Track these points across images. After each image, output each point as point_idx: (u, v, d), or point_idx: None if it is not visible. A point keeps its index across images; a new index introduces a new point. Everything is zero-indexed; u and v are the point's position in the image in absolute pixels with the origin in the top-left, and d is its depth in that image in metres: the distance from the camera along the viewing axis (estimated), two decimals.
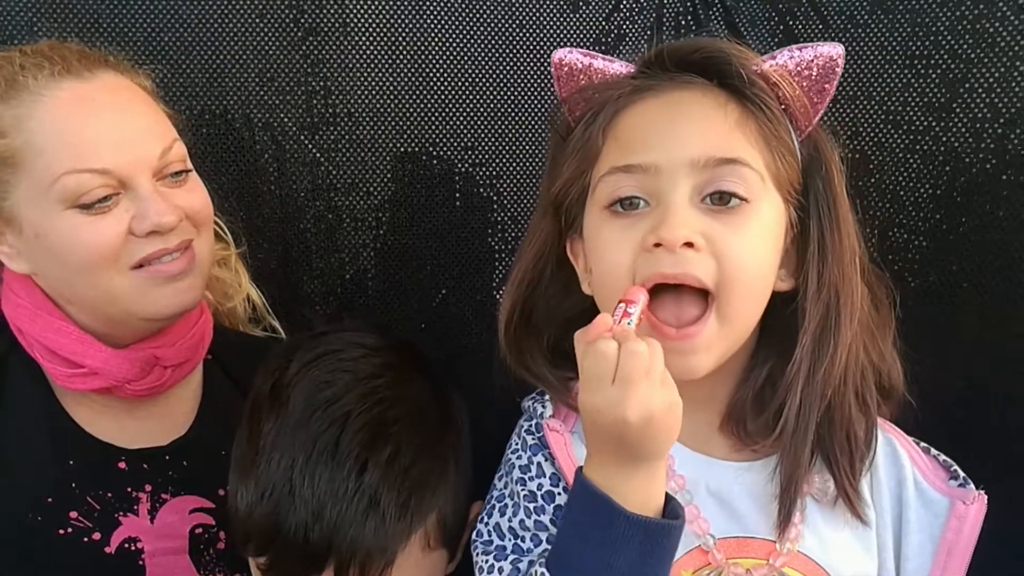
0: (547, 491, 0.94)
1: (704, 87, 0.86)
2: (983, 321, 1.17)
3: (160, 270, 1.01)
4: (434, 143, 1.27)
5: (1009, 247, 1.13)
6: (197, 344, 1.12)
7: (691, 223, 0.80)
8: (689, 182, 0.82)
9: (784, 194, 0.86)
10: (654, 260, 0.81)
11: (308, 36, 1.23)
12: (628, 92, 0.87)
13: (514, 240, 1.30)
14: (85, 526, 1.03)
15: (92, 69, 1.01)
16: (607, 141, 0.87)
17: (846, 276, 0.86)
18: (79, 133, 0.96)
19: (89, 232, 0.97)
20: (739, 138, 0.83)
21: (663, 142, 0.83)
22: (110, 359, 1.04)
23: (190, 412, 1.14)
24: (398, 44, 1.23)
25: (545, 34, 1.24)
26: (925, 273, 1.18)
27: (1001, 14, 1.09)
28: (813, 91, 0.88)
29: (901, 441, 0.94)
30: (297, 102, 1.25)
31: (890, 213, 1.19)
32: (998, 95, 1.11)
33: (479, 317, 1.32)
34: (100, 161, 0.96)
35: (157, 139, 1.01)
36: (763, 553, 0.89)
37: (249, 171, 1.24)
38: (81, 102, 0.98)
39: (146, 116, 1.03)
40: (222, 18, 1.21)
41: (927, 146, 1.16)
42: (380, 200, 1.29)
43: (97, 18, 1.19)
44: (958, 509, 0.89)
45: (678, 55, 0.88)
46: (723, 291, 0.81)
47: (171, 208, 1.00)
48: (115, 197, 0.98)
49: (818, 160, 0.88)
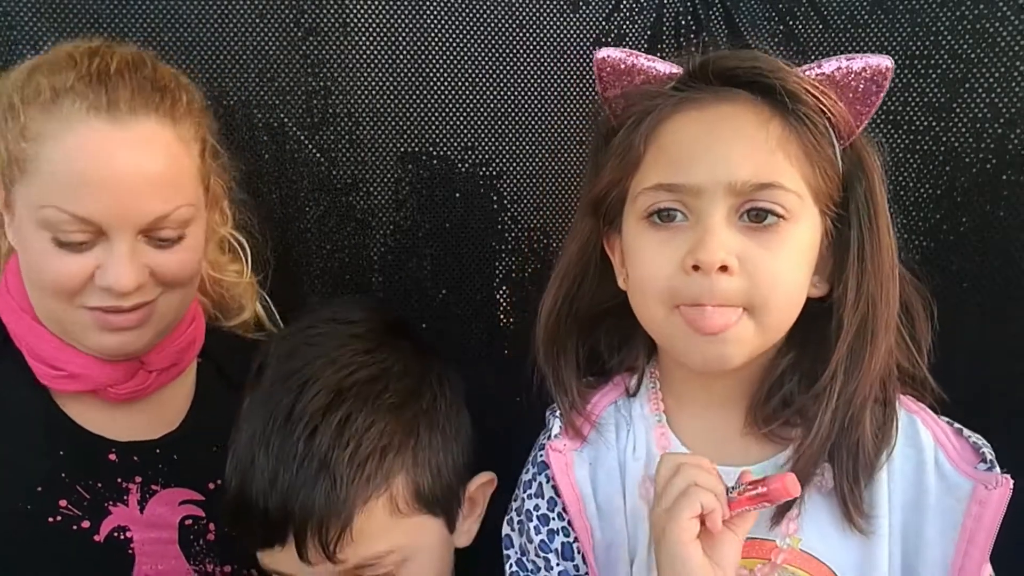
0: (543, 514, 0.97)
1: (748, 101, 0.86)
2: (983, 321, 1.17)
3: (106, 319, 1.01)
4: (434, 143, 1.27)
5: (1009, 247, 1.14)
6: (185, 349, 1.13)
7: (728, 244, 0.82)
8: (727, 202, 0.83)
9: (822, 207, 0.87)
10: (693, 283, 0.83)
11: (308, 36, 1.23)
12: (673, 102, 0.88)
13: (515, 240, 1.30)
14: (75, 514, 1.05)
15: (135, 113, 0.98)
16: (648, 150, 0.88)
17: (884, 287, 0.87)
18: (79, 176, 0.96)
19: (55, 263, 0.98)
20: (779, 159, 0.84)
21: (704, 162, 0.84)
22: (89, 364, 1.05)
23: (182, 409, 1.15)
24: (398, 44, 1.23)
25: (545, 34, 1.24)
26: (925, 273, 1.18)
27: (1001, 14, 1.09)
28: (858, 102, 0.88)
29: (927, 422, 0.92)
30: (297, 102, 1.25)
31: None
32: (998, 95, 1.11)
33: (479, 317, 1.32)
34: (84, 210, 0.96)
35: (158, 202, 1.00)
36: (764, 552, 0.89)
37: (249, 171, 1.24)
38: (99, 149, 0.97)
39: (158, 178, 1.00)
40: (222, 18, 1.21)
41: (927, 146, 1.16)
42: (380, 200, 1.28)
43: (97, 18, 1.19)
44: (979, 494, 0.85)
45: (724, 68, 0.88)
46: (757, 307, 0.84)
47: (136, 273, 0.99)
48: (91, 241, 0.98)
49: (860, 170, 0.89)
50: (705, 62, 0.89)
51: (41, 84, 0.98)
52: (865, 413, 0.87)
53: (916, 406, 0.93)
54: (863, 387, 0.86)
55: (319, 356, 0.98)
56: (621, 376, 1.00)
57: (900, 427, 0.90)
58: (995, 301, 1.16)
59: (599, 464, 0.95)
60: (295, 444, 0.93)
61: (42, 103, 0.97)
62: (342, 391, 0.95)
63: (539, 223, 1.29)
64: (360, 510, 0.93)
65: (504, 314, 1.32)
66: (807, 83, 0.86)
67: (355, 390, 0.96)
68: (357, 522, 0.92)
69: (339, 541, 0.91)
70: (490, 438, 1.04)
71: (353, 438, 0.93)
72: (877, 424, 0.89)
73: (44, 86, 0.98)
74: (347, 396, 0.95)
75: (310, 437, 0.93)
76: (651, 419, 0.95)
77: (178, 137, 1.03)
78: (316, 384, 0.96)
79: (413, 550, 0.97)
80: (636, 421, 0.96)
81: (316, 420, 0.94)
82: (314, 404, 0.94)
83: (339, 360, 0.98)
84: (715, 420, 0.93)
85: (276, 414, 0.95)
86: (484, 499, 1.06)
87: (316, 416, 0.94)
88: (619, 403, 0.98)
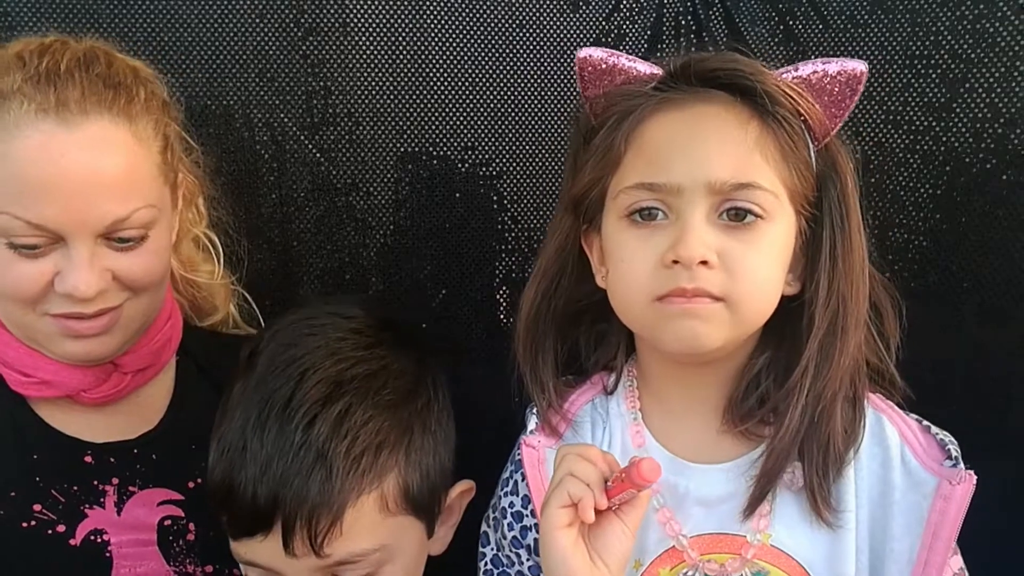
0: (517, 511, 0.98)
1: (727, 102, 0.87)
2: (983, 321, 1.17)
3: (70, 326, 0.98)
4: (434, 143, 1.27)
5: (1009, 247, 1.14)
6: (161, 349, 1.10)
7: (707, 241, 0.84)
8: (707, 201, 0.85)
9: (797, 207, 0.88)
10: (672, 276, 0.84)
11: (308, 36, 1.23)
12: (653, 102, 0.89)
13: (514, 240, 1.30)
14: (49, 518, 1.02)
15: (87, 113, 0.94)
16: (629, 149, 0.89)
17: (855, 286, 0.88)
18: (29, 182, 0.92)
19: (14, 270, 0.95)
20: (757, 159, 0.86)
21: (684, 162, 0.85)
22: (60, 370, 1.03)
23: (161, 408, 1.12)
24: (398, 44, 1.23)
25: (545, 34, 1.24)
26: (925, 273, 1.19)
27: (1001, 14, 1.09)
28: (833, 105, 0.90)
29: (894, 419, 0.94)
30: (297, 102, 1.25)
31: (890, 213, 1.19)
32: (998, 95, 1.11)
33: (479, 317, 1.32)
34: (37, 216, 0.92)
35: (115, 204, 0.95)
36: (736, 547, 0.91)
37: (249, 171, 1.24)
38: (48, 152, 0.92)
39: (113, 180, 0.95)
40: (222, 18, 1.21)
41: (927, 146, 1.16)
42: (380, 200, 1.28)
43: (97, 18, 1.19)
44: (943, 489, 0.87)
45: (704, 70, 0.89)
46: (734, 301, 0.85)
47: (96, 278, 0.96)
48: (48, 246, 0.94)
49: (833, 172, 0.91)
50: (686, 63, 0.90)
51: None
52: (835, 409, 0.88)
53: (884, 404, 0.95)
54: (833, 383, 0.87)
55: (319, 347, 0.97)
56: (600, 375, 1.01)
57: (867, 425, 0.92)
58: (995, 301, 1.15)
59: None
60: (293, 432, 0.92)
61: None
62: (342, 383, 0.95)
63: (539, 223, 1.29)
64: (352, 504, 0.92)
65: (504, 314, 1.32)
66: (785, 85, 0.87)
67: (355, 384, 0.95)
68: (348, 516, 0.92)
69: (328, 534, 0.91)
70: (489, 439, 1.04)
71: (351, 431, 0.93)
72: (847, 420, 0.90)
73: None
74: (347, 389, 0.94)
75: (308, 426, 0.92)
76: (627, 417, 0.96)
77: (134, 136, 0.98)
78: (316, 374, 0.95)
79: (395, 551, 0.96)
80: (612, 419, 0.97)
81: (315, 410, 0.92)
82: (313, 394, 0.93)
83: (340, 352, 0.97)
84: (691, 418, 0.94)
85: (274, 401, 0.94)
86: (461, 508, 1.06)
87: (316, 406, 0.93)
88: (596, 401, 0.99)
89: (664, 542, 0.92)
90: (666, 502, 0.92)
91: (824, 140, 0.90)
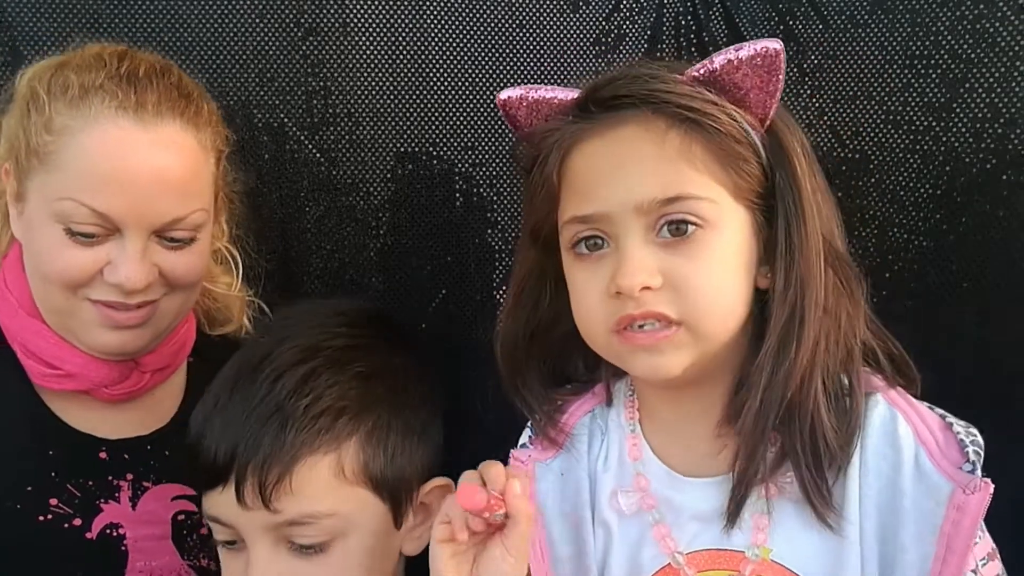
0: None
1: (642, 118, 0.85)
2: (983, 321, 1.17)
3: (111, 315, 1.02)
4: (434, 143, 1.27)
5: (1009, 247, 1.13)
6: (179, 350, 1.14)
7: (647, 265, 0.82)
8: (640, 223, 0.83)
9: (746, 203, 0.86)
10: (620, 304, 0.83)
11: (308, 36, 1.23)
12: (570, 134, 0.88)
13: (514, 240, 1.30)
14: (66, 512, 1.05)
15: (161, 116, 1.00)
16: (562, 183, 0.88)
17: (813, 271, 0.85)
18: (102, 173, 0.98)
19: (66, 255, 0.99)
20: (683, 169, 0.83)
21: (608, 189, 0.84)
22: (87, 364, 1.06)
23: (172, 406, 1.16)
24: (398, 44, 1.23)
25: (545, 34, 1.24)
26: (925, 273, 1.18)
27: (1001, 14, 1.09)
28: (759, 89, 0.86)
29: (910, 417, 0.87)
30: (297, 102, 1.25)
31: (890, 213, 1.19)
32: (998, 95, 1.11)
33: (479, 317, 1.32)
34: (103, 205, 0.97)
35: (176, 205, 1.02)
36: (734, 563, 0.88)
37: (249, 171, 1.24)
38: (123, 147, 0.98)
39: (177, 181, 1.01)
40: (222, 18, 1.21)
41: (927, 146, 1.16)
42: (380, 200, 1.28)
43: (97, 18, 1.19)
44: (957, 498, 0.81)
45: (602, 98, 0.87)
46: (690, 319, 0.83)
47: (145, 273, 1.00)
48: (104, 236, 0.99)
49: (780, 156, 0.87)
50: (592, 88, 0.88)
51: (70, 79, 1.00)
52: (811, 402, 0.84)
53: (903, 400, 0.89)
54: (794, 377, 0.83)
55: (303, 322, 1.04)
56: (602, 384, 0.99)
57: (878, 424, 0.87)
58: (995, 301, 1.15)
59: (569, 474, 0.95)
60: (258, 388, 0.96)
61: (70, 98, 0.99)
62: (317, 349, 0.99)
63: None
64: (304, 461, 0.94)
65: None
66: (687, 90, 0.84)
67: (328, 353, 0.99)
68: (299, 472, 0.93)
69: (277, 486, 0.92)
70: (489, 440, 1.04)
71: (314, 391, 0.96)
72: (840, 412, 0.86)
73: (73, 82, 0.99)
74: (320, 356, 0.98)
75: (273, 382, 0.96)
76: (625, 428, 0.95)
77: (199, 143, 1.05)
78: (292, 341, 1.00)
79: (351, 525, 0.96)
80: (612, 430, 0.96)
81: (283, 369, 0.97)
82: (288, 357, 0.98)
83: (324, 326, 1.03)
84: (688, 431, 0.92)
85: (249, 362, 0.99)
86: (438, 508, 1.06)
87: (284, 366, 0.97)
88: (596, 412, 0.98)
89: (659, 559, 0.90)
90: (663, 517, 0.90)
91: (763, 127, 0.87)
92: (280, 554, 0.95)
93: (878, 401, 0.88)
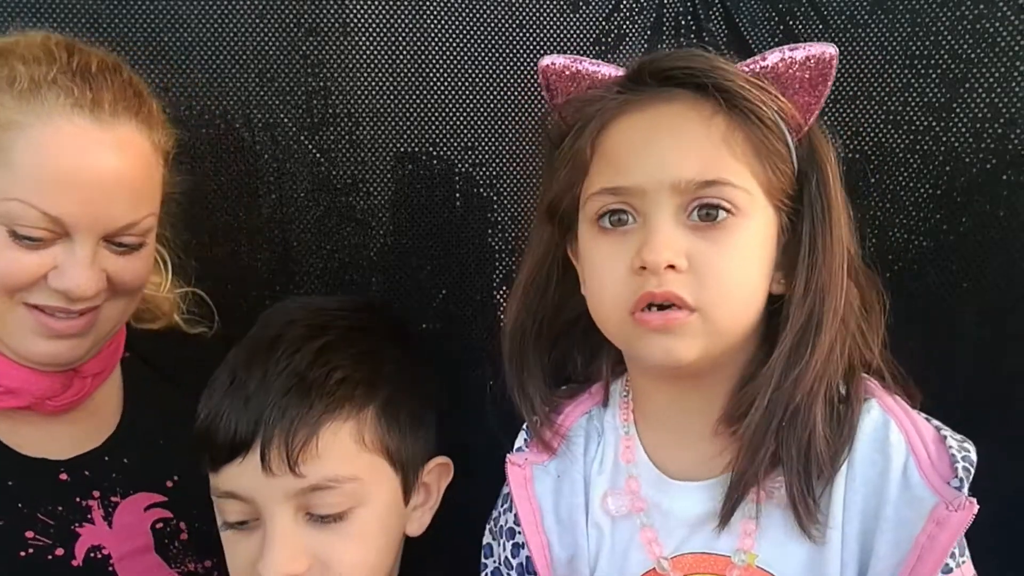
0: (509, 528, 0.98)
1: (690, 99, 0.85)
2: (983, 321, 1.17)
3: (49, 323, 0.97)
4: (434, 143, 1.27)
5: (1009, 247, 1.13)
6: (116, 350, 1.11)
7: (675, 244, 0.81)
8: (673, 202, 0.82)
9: (775, 203, 0.86)
10: (642, 282, 0.82)
11: (308, 36, 1.22)
12: (614, 106, 0.87)
13: (514, 240, 1.30)
14: (45, 543, 1.01)
15: (117, 116, 0.96)
16: (595, 155, 0.87)
17: (834, 280, 0.85)
18: (55, 173, 0.92)
19: (7, 257, 0.93)
20: (724, 155, 0.83)
21: (646, 163, 0.84)
22: (28, 377, 1.00)
23: (116, 408, 1.12)
24: (398, 44, 1.23)
25: (545, 34, 1.24)
26: (925, 273, 1.18)
27: (1001, 14, 1.09)
28: (805, 93, 0.87)
29: (903, 425, 0.86)
30: (297, 102, 1.24)
31: (890, 213, 1.19)
32: (998, 95, 1.11)
33: (479, 317, 1.32)
34: (55, 208, 0.92)
35: (128, 210, 0.97)
36: (720, 568, 0.88)
37: (249, 171, 1.24)
38: (79, 147, 0.93)
39: (133, 185, 0.97)
40: (222, 18, 1.21)
41: (927, 146, 1.16)
42: (380, 200, 1.28)
43: (97, 18, 1.19)
44: (938, 512, 0.80)
45: (659, 69, 0.87)
46: (707, 307, 0.82)
47: (96, 280, 0.96)
48: (51, 240, 0.94)
49: (813, 162, 0.88)
50: (642, 64, 0.88)
51: (18, 71, 0.93)
52: (814, 410, 0.84)
53: (899, 407, 0.88)
54: (804, 383, 0.83)
55: (305, 308, 1.06)
56: (599, 385, 0.99)
57: (870, 430, 0.86)
58: (995, 301, 1.15)
59: (565, 477, 0.95)
60: (277, 361, 0.97)
61: (18, 91, 0.93)
62: (324, 328, 1.01)
63: None
64: (328, 425, 0.95)
65: (504, 314, 1.32)
66: (742, 79, 0.85)
67: (336, 331, 1.01)
68: (323, 436, 0.94)
69: (304, 449, 0.93)
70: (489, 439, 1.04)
71: (331, 361, 0.98)
72: (835, 423, 0.85)
73: (21, 73, 0.93)
74: (329, 331, 1.01)
75: (291, 355, 0.97)
76: (620, 430, 0.95)
77: (152, 145, 1.01)
78: (301, 323, 1.01)
79: (369, 493, 0.97)
80: (607, 432, 0.96)
81: (299, 344, 0.98)
82: (299, 332, 0.99)
83: (323, 310, 1.06)
84: (685, 434, 0.91)
85: (262, 342, 0.99)
86: (438, 488, 1.07)
87: (299, 340, 0.98)
88: (593, 413, 0.98)
89: (646, 563, 0.90)
90: (652, 521, 0.90)
91: (800, 131, 0.88)
92: (300, 524, 0.95)
93: (872, 407, 0.88)
